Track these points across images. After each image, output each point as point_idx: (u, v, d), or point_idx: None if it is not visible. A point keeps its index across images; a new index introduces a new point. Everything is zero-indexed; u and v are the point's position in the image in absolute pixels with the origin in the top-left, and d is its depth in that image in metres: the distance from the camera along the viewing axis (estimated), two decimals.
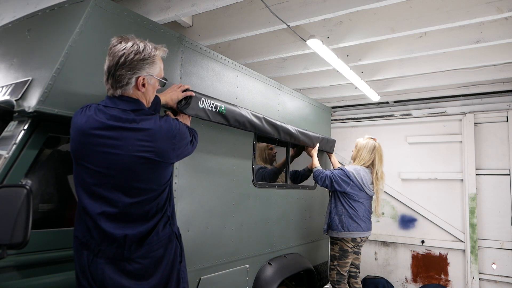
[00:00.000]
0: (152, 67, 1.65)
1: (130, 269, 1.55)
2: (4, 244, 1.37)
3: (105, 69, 1.62)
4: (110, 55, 1.59)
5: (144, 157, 1.55)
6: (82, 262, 1.56)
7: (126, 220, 1.57)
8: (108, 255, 1.54)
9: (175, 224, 1.78)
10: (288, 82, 4.89)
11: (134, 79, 1.60)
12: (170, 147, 1.64)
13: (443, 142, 5.23)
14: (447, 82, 4.62)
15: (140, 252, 1.57)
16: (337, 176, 3.50)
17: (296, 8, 3.10)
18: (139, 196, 1.58)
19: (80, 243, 1.58)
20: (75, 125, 1.59)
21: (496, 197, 4.82)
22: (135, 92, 1.64)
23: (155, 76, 1.68)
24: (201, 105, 2.33)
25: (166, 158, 1.64)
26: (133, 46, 1.59)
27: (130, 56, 1.57)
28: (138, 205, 1.58)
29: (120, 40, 1.60)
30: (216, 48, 4.12)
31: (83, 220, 1.58)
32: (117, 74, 1.58)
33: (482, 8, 2.89)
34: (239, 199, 2.88)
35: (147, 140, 1.57)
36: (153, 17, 3.11)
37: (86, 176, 1.56)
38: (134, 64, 1.58)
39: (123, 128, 1.55)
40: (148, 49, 1.62)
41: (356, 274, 3.72)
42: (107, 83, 1.62)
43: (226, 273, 2.71)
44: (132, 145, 1.55)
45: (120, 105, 1.60)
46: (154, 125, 1.61)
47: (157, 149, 1.58)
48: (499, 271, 4.74)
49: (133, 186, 1.57)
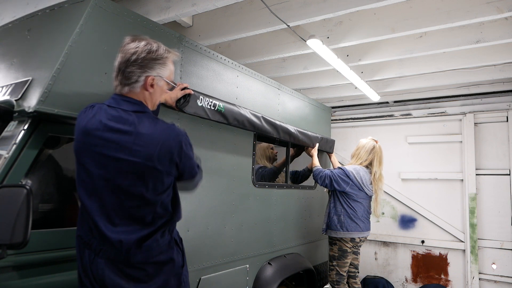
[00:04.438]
0: (163, 68, 1.62)
1: (129, 272, 1.53)
2: (4, 244, 1.37)
3: (115, 65, 1.59)
4: (122, 52, 1.57)
5: (138, 163, 1.51)
6: (84, 262, 1.56)
7: (122, 224, 1.53)
8: (109, 255, 1.53)
9: (174, 230, 1.73)
10: (288, 82, 4.89)
11: (144, 78, 1.58)
12: (167, 156, 1.55)
13: (443, 142, 5.22)
14: (447, 82, 4.62)
15: (139, 257, 1.53)
16: (336, 175, 3.50)
17: (296, 8, 3.10)
18: (134, 201, 1.54)
19: (82, 242, 1.58)
20: (77, 124, 1.59)
21: (496, 197, 4.82)
22: (142, 92, 1.60)
23: (164, 78, 1.64)
24: (200, 103, 2.35)
25: (162, 166, 1.54)
26: (146, 46, 1.57)
27: (142, 54, 1.55)
28: (134, 210, 1.54)
29: (134, 39, 1.59)
30: (216, 48, 4.12)
31: (85, 219, 1.58)
32: (127, 71, 1.55)
33: (482, 8, 2.89)
34: (239, 199, 2.88)
35: (142, 145, 1.51)
36: (153, 17, 3.11)
37: (85, 176, 1.56)
38: (145, 63, 1.56)
39: (121, 131, 1.52)
40: (161, 50, 1.60)
41: (355, 274, 3.72)
42: (116, 79, 1.60)
43: (226, 273, 2.71)
44: (128, 149, 1.51)
45: (123, 106, 1.57)
46: (154, 130, 1.55)
47: (151, 155, 1.51)
48: (499, 271, 4.74)
49: (128, 190, 1.53)
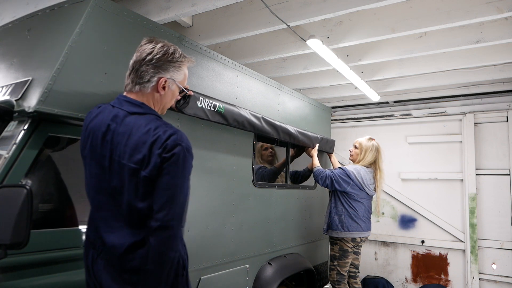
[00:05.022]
0: (177, 72, 1.60)
1: (125, 277, 1.48)
2: (4, 244, 1.37)
3: (130, 64, 1.58)
4: (139, 51, 1.56)
5: (125, 165, 1.45)
6: (88, 261, 1.56)
7: (116, 227, 1.49)
8: (108, 258, 1.51)
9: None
10: (288, 82, 4.89)
11: (156, 79, 1.55)
12: (153, 158, 1.41)
13: (443, 142, 5.22)
14: (447, 82, 4.62)
15: (133, 264, 1.46)
16: (337, 175, 3.50)
17: (296, 8, 3.10)
18: (122, 206, 1.47)
19: (89, 241, 1.57)
20: (83, 124, 1.60)
21: (496, 197, 4.82)
22: (152, 93, 1.57)
23: (177, 82, 1.61)
24: (200, 104, 2.34)
25: (145, 171, 1.42)
26: (163, 47, 1.56)
27: (158, 55, 1.53)
28: (126, 214, 1.48)
29: (151, 40, 1.58)
30: (216, 48, 4.12)
31: (92, 219, 1.58)
32: (140, 70, 1.54)
33: (482, 8, 2.88)
34: (239, 199, 2.88)
35: (132, 147, 1.44)
36: (153, 17, 3.10)
37: (89, 176, 1.56)
38: (160, 64, 1.54)
39: (117, 132, 1.49)
40: (177, 53, 1.59)
41: (356, 274, 3.72)
42: (128, 78, 1.58)
43: (226, 273, 2.71)
44: (120, 151, 1.46)
45: (124, 106, 1.55)
46: (142, 132, 1.45)
47: (138, 158, 1.43)
48: (499, 271, 4.74)
49: (120, 193, 1.47)
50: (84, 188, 1.61)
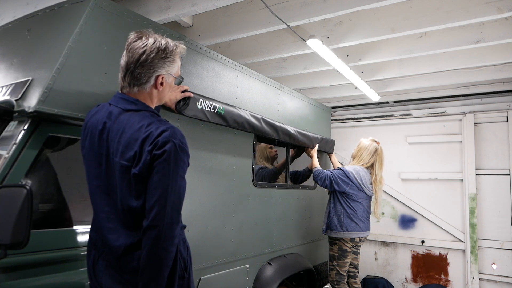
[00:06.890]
0: (172, 65, 1.56)
1: (126, 277, 1.47)
2: (4, 244, 1.37)
3: (122, 65, 1.52)
4: (130, 51, 1.49)
5: (118, 162, 1.43)
6: (89, 262, 1.56)
7: (114, 228, 1.48)
8: (108, 259, 1.50)
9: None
10: (288, 82, 4.89)
11: (154, 78, 1.52)
12: (144, 155, 1.37)
13: (443, 142, 5.22)
14: (447, 82, 4.62)
15: (132, 265, 1.44)
16: (336, 176, 3.50)
17: (296, 8, 3.10)
18: (117, 205, 1.46)
19: (92, 242, 1.57)
20: (83, 123, 1.60)
21: (496, 197, 4.82)
22: (152, 90, 1.55)
23: (173, 74, 1.59)
24: (200, 106, 2.34)
25: (135, 165, 1.38)
26: (155, 44, 1.49)
27: (151, 54, 1.48)
28: (122, 214, 1.46)
29: (140, 35, 1.51)
30: (216, 48, 4.12)
31: (94, 219, 1.57)
32: (136, 72, 1.49)
33: (482, 8, 2.89)
34: (239, 199, 2.88)
35: (124, 144, 1.42)
36: (153, 17, 3.11)
37: (89, 175, 1.56)
38: (155, 63, 1.50)
39: (112, 130, 1.48)
40: (169, 47, 1.53)
41: (355, 274, 3.72)
42: (124, 80, 1.53)
43: (226, 273, 2.71)
44: (114, 148, 1.45)
45: (120, 104, 1.54)
46: (135, 129, 1.42)
47: (130, 156, 1.40)
48: (499, 271, 4.74)
49: (116, 192, 1.46)
50: (84, 188, 1.61)
